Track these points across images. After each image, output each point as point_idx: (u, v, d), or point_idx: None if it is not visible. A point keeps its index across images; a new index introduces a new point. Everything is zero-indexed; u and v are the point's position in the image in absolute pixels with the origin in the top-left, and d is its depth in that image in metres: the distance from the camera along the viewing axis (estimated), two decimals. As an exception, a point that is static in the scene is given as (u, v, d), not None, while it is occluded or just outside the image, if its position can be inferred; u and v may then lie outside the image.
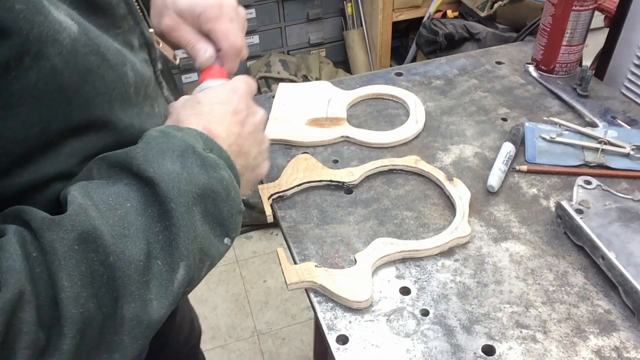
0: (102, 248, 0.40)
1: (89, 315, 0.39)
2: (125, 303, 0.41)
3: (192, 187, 0.45)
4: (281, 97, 0.99)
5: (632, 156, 0.84)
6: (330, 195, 0.81)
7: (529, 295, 0.66)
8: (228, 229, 0.50)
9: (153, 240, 0.43)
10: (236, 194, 0.50)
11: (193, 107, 0.55)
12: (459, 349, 0.61)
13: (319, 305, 0.66)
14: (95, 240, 0.40)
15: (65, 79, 0.43)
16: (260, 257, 1.99)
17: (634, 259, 0.65)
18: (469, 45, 2.07)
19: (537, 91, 1.02)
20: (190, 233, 0.44)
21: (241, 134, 0.56)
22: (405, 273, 0.69)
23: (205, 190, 0.47)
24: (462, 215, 0.74)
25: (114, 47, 0.48)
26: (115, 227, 0.41)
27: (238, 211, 0.51)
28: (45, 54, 0.41)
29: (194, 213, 0.45)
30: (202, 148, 0.49)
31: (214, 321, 1.77)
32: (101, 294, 0.40)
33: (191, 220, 0.44)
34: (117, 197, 0.43)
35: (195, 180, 0.46)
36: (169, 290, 0.44)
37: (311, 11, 2.44)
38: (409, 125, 0.93)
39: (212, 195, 0.47)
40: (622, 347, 0.60)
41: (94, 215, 0.41)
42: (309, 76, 2.28)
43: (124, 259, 0.41)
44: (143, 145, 0.47)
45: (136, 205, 0.43)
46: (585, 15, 0.98)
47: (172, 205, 0.44)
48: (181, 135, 0.49)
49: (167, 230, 0.44)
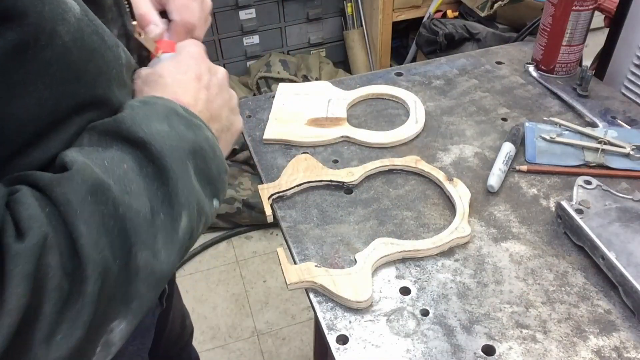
0: (111, 200, 0.41)
1: (107, 262, 0.40)
2: (138, 251, 0.42)
3: (183, 144, 0.47)
4: (281, 97, 0.99)
5: (632, 156, 0.84)
6: (330, 195, 0.81)
7: (529, 295, 0.66)
8: (217, 189, 0.52)
9: (153, 197, 0.44)
10: (220, 153, 0.53)
11: (156, 82, 0.55)
12: (459, 349, 0.61)
13: (319, 305, 0.66)
14: (104, 193, 0.41)
15: (74, 57, 0.44)
16: (260, 257, 1.99)
17: (634, 259, 0.65)
18: (469, 45, 2.07)
19: (537, 91, 1.02)
20: (187, 185, 0.46)
21: (209, 98, 0.57)
22: (405, 273, 0.69)
23: (194, 147, 0.48)
24: (462, 215, 0.74)
25: (108, 30, 0.50)
26: (118, 183, 0.42)
27: (224, 170, 0.53)
28: (57, 32, 0.42)
29: (188, 168, 0.47)
30: (183, 110, 0.51)
31: (214, 321, 1.77)
32: (115, 244, 0.41)
33: (186, 174, 0.46)
34: (112, 160, 0.44)
35: (184, 138, 0.48)
36: (175, 239, 0.45)
37: (311, 11, 2.44)
38: (409, 125, 0.93)
39: (200, 152, 0.49)
40: (622, 347, 0.60)
41: (98, 171, 0.42)
42: (309, 76, 2.28)
43: (132, 211, 0.42)
44: (128, 111, 0.48)
45: (132, 166, 0.44)
46: (585, 15, 0.98)
47: (166, 160, 0.45)
48: (162, 102, 0.50)
49: (164, 185, 0.45)
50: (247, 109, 1.00)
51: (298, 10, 2.43)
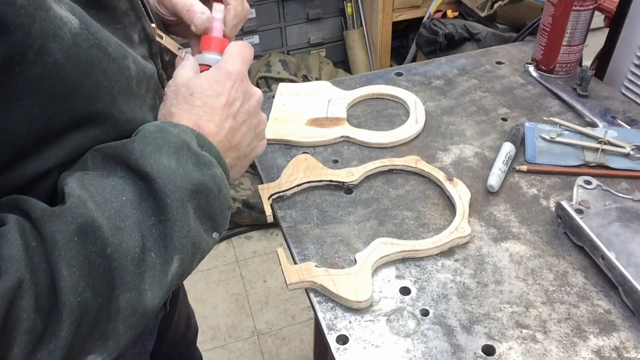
0: (100, 239, 0.41)
1: (85, 303, 0.40)
2: (121, 293, 0.42)
3: (187, 184, 0.46)
4: (281, 97, 0.99)
5: (632, 156, 0.84)
6: (330, 195, 0.81)
7: (529, 295, 0.66)
8: (217, 224, 0.51)
9: (147, 233, 0.44)
10: (227, 190, 0.52)
11: (185, 100, 0.54)
12: (459, 349, 0.61)
13: (319, 305, 0.66)
14: (94, 232, 0.41)
15: (68, 73, 0.43)
16: (260, 257, 1.99)
17: (634, 259, 0.65)
18: (469, 45, 2.07)
19: (537, 91, 1.02)
20: (184, 228, 0.45)
21: (233, 126, 0.56)
22: (405, 273, 0.69)
23: (199, 187, 0.48)
24: (462, 215, 0.74)
25: (114, 41, 0.49)
26: (111, 219, 0.42)
27: (227, 207, 0.52)
28: (47, 49, 0.41)
29: (188, 209, 0.46)
30: (197, 145, 0.50)
31: (214, 321, 1.77)
32: (98, 284, 0.41)
33: (185, 216, 0.46)
34: (112, 190, 0.44)
35: (190, 177, 0.47)
36: (163, 281, 0.45)
37: (311, 11, 2.44)
38: (409, 125, 0.93)
39: (205, 192, 0.48)
40: (622, 347, 0.60)
41: (92, 207, 0.42)
42: (309, 76, 2.28)
43: (121, 251, 0.42)
44: (140, 140, 0.47)
45: (131, 199, 0.44)
46: (585, 15, 0.98)
47: (167, 200, 0.45)
48: (177, 132, 0.49)
49: (161, 224, 0.45)
50: (247, 109, 0.99)
51: (298, 10, 2.43)
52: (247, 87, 0.58)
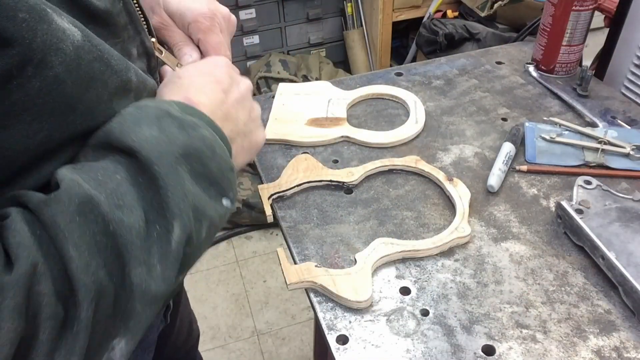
0: (100, 217, 0.40)
1: (100, 283, 0.39)
2: (132, 269, 0.41)
3: (173, 148, 0.45)
4: (281, 97, 0.99)
5: (632, 156, 0.84)
6: (330, 195, 0.81)
7: (529, 295, 0.66)
8: (222, 188, 0.49)
9: (149, 207, 0.43)
10: (222, 151, 0.49)
11: (173, 83, 0.55)
12: (459, 349, 0.61)
13: (319, 305, 0.66)
14: (92, 210, 0.40)
15: (69, 87, 0.42)
16: (260, 257, 1.99)
17: (634, 259, 0.65)
18: (469, 45, 2.07)
19: (537, 91, 1.02)
20: (178, 191, 0.44)
21: (225, 101, 0.55)
22: (405, 273, 0.69)
23: (187, 149, 0.46)
24: (462, 215, 0.74)
25: (116, 54, 0.48)
26: (110, 198, 0.41)
27: (229, 168, 0.50)
28: (48, 63, 0.40)
29: (180, 172, 0.45)
30: (178, 110, 0.49)
31: (214, 321, 1.77)
32: (109, 263, 0.40)
33: (178, 180, 0.44)
34: (104, 171, 0.43)
35: (175, 140, 0.45)
36: (168, 251, 0.43)
37: (311, 11, 2.44)
38: (409, 125, 0.93)
39: (195, 153, 0.46)
40: (622, 347, 0.60)
41: (87, 186, 0.41)
42: (309, 76, 2.28)
43: (124, 227, 0.41)
44: (118, 118, 0.46)
45: (125, 176, 0.43)
46: (585, 15, 0.98)
47: (155, 168, 0.43)
48: (155, 104, 0.48)
49: (158, 194, 0.43)
50: (247, 109, 0.99)
51: (298, 10, 2.43)
52: (235, 75, 0.58)
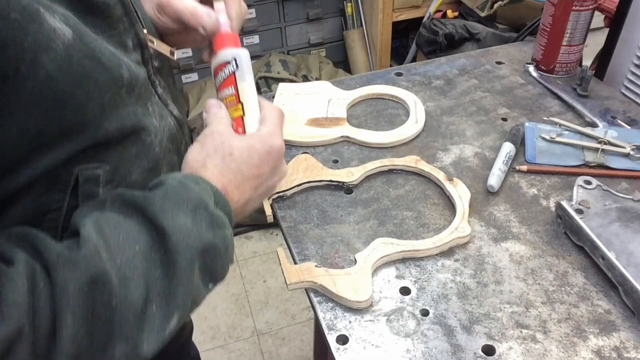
0: (108, 292, 0.41)
1: (80, 351, 0.40)
2: (117, 343, 0.42)
3: (198, 244, 0.47)
4: (281, 97, 0.99)
5: (632, 156, 0.84)
6: (330, 195, 0.81)
7: (529, 295, 0.66)
8: (216, 278, 0.52)
9: (152, 285, 0.44)
10: (232, 249, 0.53)
11: (223, 158, 0.55)
12: (459, 349, 0.61)
13: (319, 305, 0.66)
14: (104, 285, 0.41)
15: (60, 85, 0.43)
16: (260, 257, 1.99)
17: (634, 259, 0.65)
18: (469, 45, 2.07)
19: (537, 91, 1.02)
20: (188, 286, 0.46)
21: (252, 197, 0.58)
22: (405, 273, 0.69)
23: (208, 247, 0.48)
24: (462, 215, 0.74)
25: (109, 50, 0.49)
26: (121, 269, 0.43)
27: (229, 264, 0.53)
28: (39, 62, 0.41)
29: (194, 268, 0.47)
30: (214, 204, 0.51)
31: (214, 321, 1.77)
32: (97, 333, 0.41)
33: (191, 275, 0.46)
34: (127, 236, 0.44)
35: (202, 237, 0.48)
36: (160, 335, 0.45)
37: (311, 11, 2.44)
38: (409, 125, 0.93)
39: (212, 252, 0.49)
40: (622, 347, 0.60)
41: (105, 258, 0.42)
42: (309, 76, 2.28)
43: (126, 303, 0.42)
44: (161, 194, 0.48)
45: (143, 249, 0.45)
46: (585, 15, 0.98)
47: (178, 257, 0.45)
48: (197, 190, 0.50)
49: (166, 278, 0.45)
50: (247, 109, 1.00)
51: (298, 10, 2.43)
52: (280, 164, 0.60)
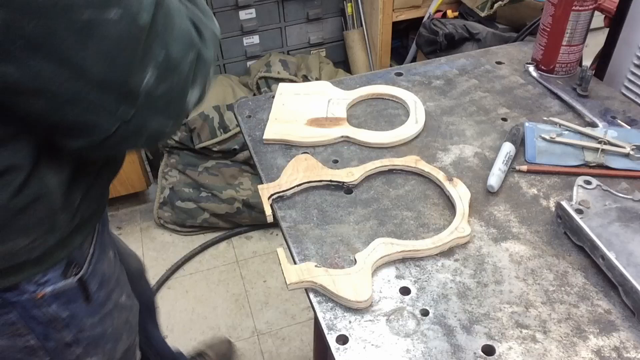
0: (185, 5, 0.58)
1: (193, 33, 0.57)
2: (208, 28, 0.61)
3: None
4: (281, 97, 0.99)
5: (632, 156, 0.84)
6: (330, 195, 0.81)
7: (529, 295, 0.66)
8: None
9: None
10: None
11: None
12: (459, 349, 0.61)
13: (319, 305, 0.66)
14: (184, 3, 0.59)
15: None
16: (260, 257, 1.99)
17: (634, 259, 0.65)
18: (469, 45, 2.07)
19: (537, 91, 1.02)
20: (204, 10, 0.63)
21: None
22: (405, 273, 0.69)
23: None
24: (462, 215, 0.74)
25: None
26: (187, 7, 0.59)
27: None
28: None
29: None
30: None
31: (214, 321, 1.77)
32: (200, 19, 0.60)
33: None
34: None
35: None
36: (210, 40, 0.61)
37: (311, 11, 2.44)
38: (409, 125, 0.93)
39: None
40: (622, 347, 0.60)
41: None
42: (309, 76, 2.28)
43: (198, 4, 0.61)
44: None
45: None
46: (585, 15, 0.98)
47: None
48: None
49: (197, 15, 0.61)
50: (247, 109, 1.00)
51: (298, 10, 2.43)
52: None
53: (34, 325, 0.70)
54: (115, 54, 0.49)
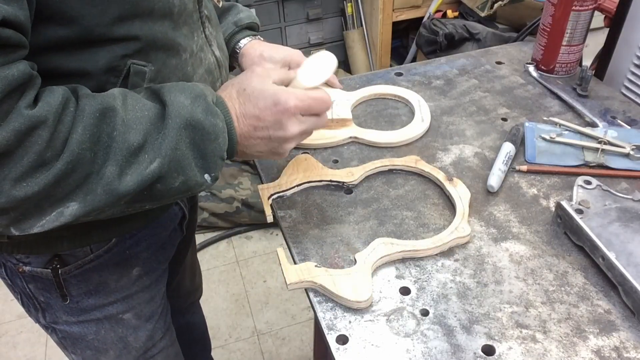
0: (112, 124, 0.53)
1: (83, 158, 0.51)
2: (110, 165, 0.53)
3: (189, 117, 0.57)
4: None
5: (632, 156, 0.84)
6: (330, 195, 0.81)
7: (529, 295, 0.66)
8: (209, 166, 0.60)
9: (150, 140, 0.56)
10: (224, 142, 0.61)
11: (238, 91, 0.65)
12: (458, 349, 0.61)
13: (319, 305, 0.66)
14: (111, 117, 0.53)
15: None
16: (260, 257, 1.99)
17: (634, 259, 0.65)
18: (469, 45, 2.07)
19: (537, 91, 1.02)
20: (172, 143, 0.56)
21: (251, 135, 0.64)
22: (405, 273, 0.69)
23: (198, 124, 0.58)
24: (462, 215, 0.74)
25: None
26: (128, 118, 0.55)
27: (220, 156, 0.61)
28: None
29: (182, 134, 0.57)
30: (212, 101, 0.61)
31: (214, 321, 1.77)
32: (97, 152, 0.53)
33: (177, 137, 0.56)
34: (142, 105, 0.57)
35: (194, 114, 0.58)
36: (142, 173, 0.55)
37: (311, 11, 2.44)
38: (415, 124, 0.92)
39: (201, 130, 0.58)
40: (622, 347, 0.60)
41: (119, 104, 0.55)
42: (309, 76, 2.28)
43: (124, 139, 0.54)
44: (172, 84, 0.60)
45: (150, 116, 0.56)
46: (585, 15, 0.98)
47: (169, 121, 0.56)
48: (202, 87, 0.61)
49: (158, 136, 0.56)
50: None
51: (298, 10, 2.43)
52: (285, 122, 0.64)
53: (18, 290, 0.77)
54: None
